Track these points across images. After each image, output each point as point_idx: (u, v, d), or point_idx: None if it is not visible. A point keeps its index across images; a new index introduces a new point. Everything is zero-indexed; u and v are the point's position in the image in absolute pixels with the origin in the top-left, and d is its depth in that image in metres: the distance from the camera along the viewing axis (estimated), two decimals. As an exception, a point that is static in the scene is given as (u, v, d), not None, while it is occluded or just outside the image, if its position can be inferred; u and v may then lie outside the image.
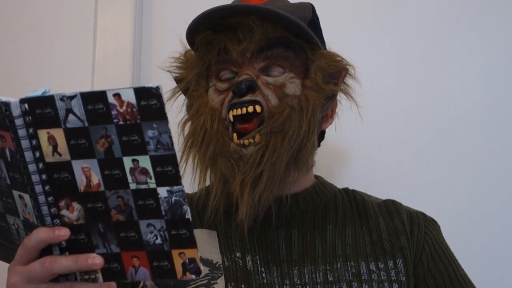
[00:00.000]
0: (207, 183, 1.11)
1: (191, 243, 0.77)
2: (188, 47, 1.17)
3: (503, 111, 1.48)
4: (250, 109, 1.06)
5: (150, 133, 0.73)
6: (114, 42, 1.58)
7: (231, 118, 1.06)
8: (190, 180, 1.11)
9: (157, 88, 0.71)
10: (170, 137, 0.73)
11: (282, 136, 1.04)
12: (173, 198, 0.76)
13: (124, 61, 1.57)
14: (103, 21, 1.59)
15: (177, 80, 1.17)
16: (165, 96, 0.80)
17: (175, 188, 0.75)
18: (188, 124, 1.14)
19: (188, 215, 0.76)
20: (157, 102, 0.72)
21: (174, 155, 0.74)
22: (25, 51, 1.62)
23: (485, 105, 1.49)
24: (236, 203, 1.06)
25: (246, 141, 1.05)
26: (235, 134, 1.06)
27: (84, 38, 1.60)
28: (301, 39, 1.10)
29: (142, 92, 0.72)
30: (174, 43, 1.18)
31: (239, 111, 1.06)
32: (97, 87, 1.53)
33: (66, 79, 1.58)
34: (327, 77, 1.10)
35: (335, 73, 1.11)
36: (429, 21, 1.52)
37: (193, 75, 1.13)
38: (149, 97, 0.72)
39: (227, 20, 1.08)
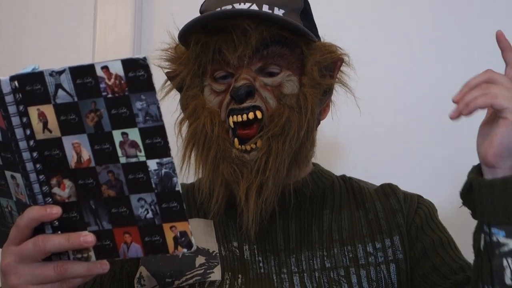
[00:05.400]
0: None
1: (182, 216, 0.78)
2: (176, 40, 1.15)
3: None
4: (251, 115, 1.04)
5: (138, 104, 0.74)
6: (114, 33, 1.59)
7: (232, 125, 1.05)
8: (194, 179, 1.12)
9: (144, 59, 0.72)
10: (158, 108, 0.74)
11: (283, 139, 1.03)
12: (163, 170, 0.76)
13: (124, 52, 1.58)
14: (103, 12, 1.61)
15: (170, 76, 1.15)
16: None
17: (165, 160, 0.76)
18: (186, 124, 1.12)
19: (178, 187, 0.77)
20: (145, 73, 0.73)
21: (163, 126, 0.74)
22: (24, 42, 1.64)
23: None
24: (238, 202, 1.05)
25: (248, 147, 1.04)
26: (236, 140, 1.05)
27: (84, 30, 1.62)
28: (296, 34, 1.08)
29: (129, 64, 0.73)
30: (174, 34, 1.16)
31: (239, 118, 1.04)
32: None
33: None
34: (323, 70, 1.09)
35: (331, 65, 1.11)
36: (428, 14, 1.54)
37: (187, 73, 1.11)
38: (136, 68, 0.73)
39: (221, 22, 1.06)
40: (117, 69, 0.73)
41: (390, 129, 1.51)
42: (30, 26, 1.65)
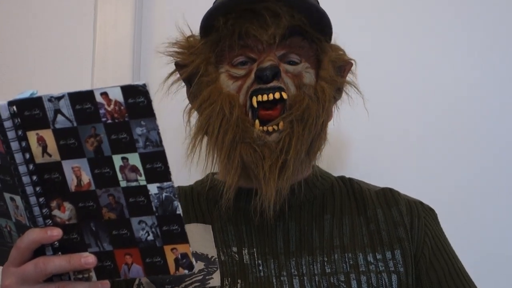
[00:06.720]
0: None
1: (183, 238, 0.78)
2: (185, 34, 1.16)
3: (500, 105, 1.49)
4: (277, 95, 1.05)
5: (138, 130, 0.74)
6: (114, 34, 1.58)
7: (255, 104, 1.06)
8: (203, 167, 1.11)
9: (144, 86, 0.72)
10: (159, 133, 0.74)
11: (303, 125, 1.04)
12: (164, 194, 0.76)
13: (124, 53, 1.57)
14: (103, 12, 1.59)
15: (180, 65, 1.14)
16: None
17: (165, 184, 0.76)
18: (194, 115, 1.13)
19: (179, 211, 0.77)
20: (145, 100, 0.72)
21: (163, 152, 0.74)
22: (24, 42, 1.63)
23: (481, 98, 1.50)
24: (245, 194, 1.07)
25: (270, 128, 1.05)
26: (257, 121, 1.06)
27: (84, 30, 1.60)
28: (316, 30, 1.11)
29: (129, 90, 0.72)
30: (174, 34, 1.17)
31: (265, 97, 1.05)
32: (97, 79, 1.55)
33: (66, 71, 1.59)
34: (336, 70, 1.12)
35: (341, 67, 1.13)
36: (427, 17, 1.53)
37: (202, 60, 1.10)
38: (136, 95, 0.72)
39: (250, 6, 1.07)
40: (117, 95, 0.73)
41: (391, 130, 1.51)
42: (30, 26, 1.64)
